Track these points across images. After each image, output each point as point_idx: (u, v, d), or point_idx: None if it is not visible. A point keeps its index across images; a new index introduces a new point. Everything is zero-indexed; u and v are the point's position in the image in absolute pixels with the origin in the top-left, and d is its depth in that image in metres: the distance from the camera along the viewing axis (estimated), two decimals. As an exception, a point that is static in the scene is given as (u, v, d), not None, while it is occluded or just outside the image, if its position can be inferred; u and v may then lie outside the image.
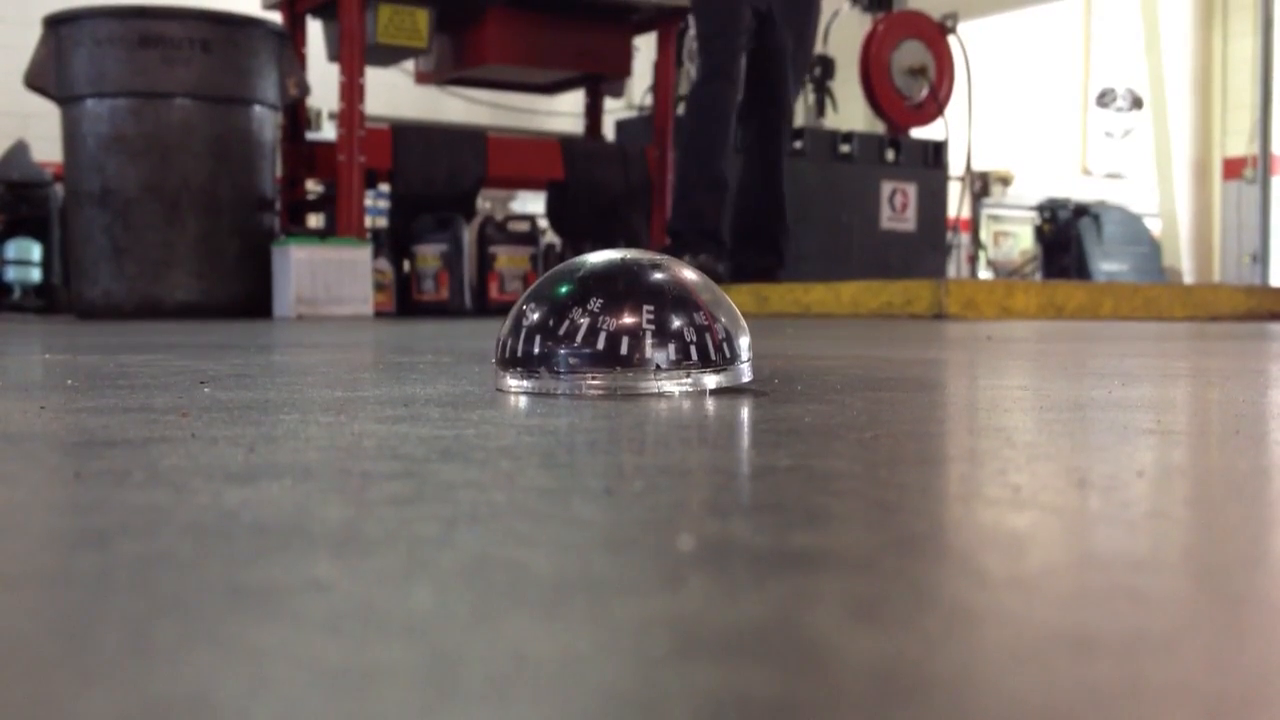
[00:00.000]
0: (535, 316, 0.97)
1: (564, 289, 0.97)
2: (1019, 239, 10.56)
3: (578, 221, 5.54)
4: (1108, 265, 9.30)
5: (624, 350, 0.94)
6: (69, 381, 1.16)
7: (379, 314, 4.77)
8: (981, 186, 9.11)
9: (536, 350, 0.96)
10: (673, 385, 0.95)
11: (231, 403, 0.90)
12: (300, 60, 5.08)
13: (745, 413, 0.86)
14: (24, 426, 0.76)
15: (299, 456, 0.62)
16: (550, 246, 5.64)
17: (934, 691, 0.27)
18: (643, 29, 5.79)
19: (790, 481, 0.56)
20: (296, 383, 1.12)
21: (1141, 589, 0.36)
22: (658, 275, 0.97)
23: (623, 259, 0.99)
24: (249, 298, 4.61)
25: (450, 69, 5.75)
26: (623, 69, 5.81)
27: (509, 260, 5.26)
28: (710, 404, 0.90)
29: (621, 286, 0.96)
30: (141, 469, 0.57)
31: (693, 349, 0.95)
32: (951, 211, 6.79)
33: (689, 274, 1.00)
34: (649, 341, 0.94)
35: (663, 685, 0.27)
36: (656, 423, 0.79)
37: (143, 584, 0.36)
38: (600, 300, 0.95)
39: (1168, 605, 0.35)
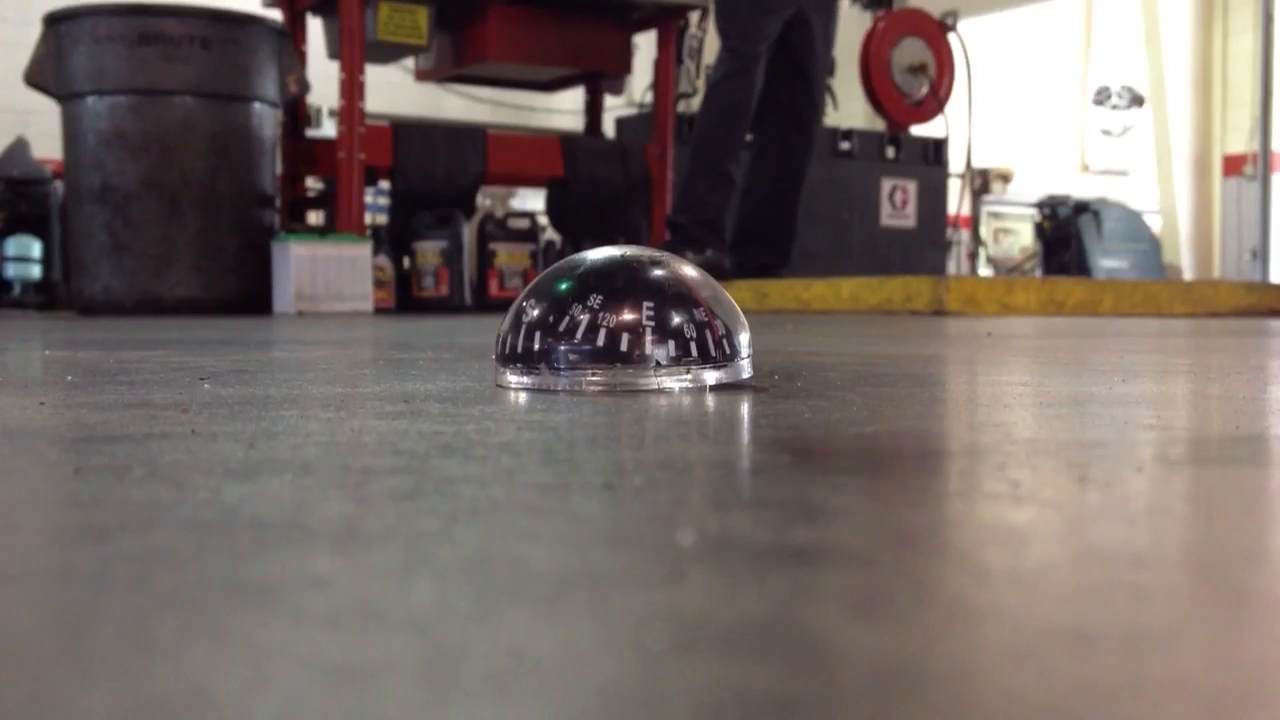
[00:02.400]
0: (535, 313, 0.97)
1: (564, 285, 0.97)
2: (1019, 236, 10.56)
3: (578, 219, 5.54)
4: (1108, 262, 9.30)
5: (624, 347, 0.94)
6: (69, 377, 1.16)
7: (379, 310, 4.77)
8: (981, 183, 9.11)
9: (536, 346, 0.96)
10: (673, 381, 0.95)
11: (231, 398, 0.90)
12: (300, 57, 5.07)
13: (745, 409, 0.86)
14: (24, 422, 0.76)
15: (299, 452, 0.62)
16: (550, 243, 5.64)
17: (934, 686, 0.27)
18: (643, 26, 5.78)
19: (790, 477, 0.56)
20: (296, 379, 1.12)
21: (1141, 584, 0.36)
22: (657, 272, 0.97)
23: (622, 255, 0.99)
24: (249, 294, 4.61)
25: (450, 66, 5.75)
26: (623, 66, 5.80)
27: (509, 257, 5.26)
28: (710, 400, 0.90)
29: (621, 283, 0.96)
30: (141, 464, 0.57)
31: (692, 345, 0.95)
32: (951, 208, 6.79)
33: (688, 270, 1.00)
34: (649, 338, 0.94)
35: (663, 681, 0.27)
36: (657, 419, 0.79)
37: (142, 579, 0.36)
38: (600, 297, 0.95)
39: (1167, 601, 0.35)
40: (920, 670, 0.28)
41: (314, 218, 5.69)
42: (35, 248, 6.28)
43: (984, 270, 9.14)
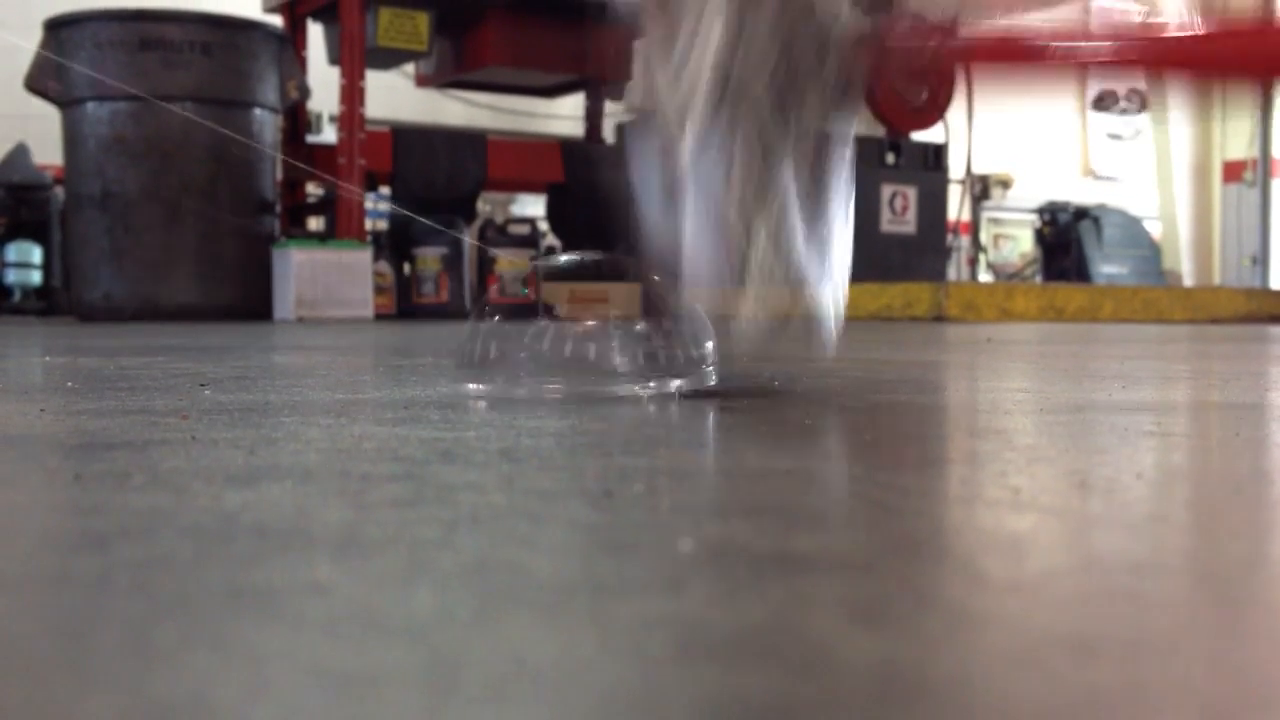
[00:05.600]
0: (496, 319, 0.95)
1: (527, 291, 0.96)
2: (1019, 242, 10.57)
3: (578, 224, 5.54)
4: (1108, 268, 9.31)
5: (587, 354, 0.92)
6: (69, 384, 1.16)
7: (379, 316, 4.77)
8: (981, 189, 9.11)
9: (494, 354, 0.94)
10: (636, 389, 0.93)
11: (232, 405, 0.90)
12: (300, 63, 5.08)
13: (747, 415, 0.86)
14: (24, 429, 0.76)
15: (299, 459, 0.62)
16: (550, 249, 5.65)
17: (934, 694, 0.27)
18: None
19: (791, 483, 0.56)
20: (297, 385, 1.12)
21: (1142, 592, 0.36)
22: (624, 279, 0.95)
23: (586, 261, 0.97)
24: (249, 300, 4.61)
25: (450, 72, 5.75)
26: (623, 72, 5.80)
27: (509, 263, 5.26)
28: (712, 406, 0.90)
29: (586, 290, 0.94)
30: (142, 471, 0.57)
31: (660, 354, 0.94)
32: (951, 214, 6.79)
33: (655, 278, 0.98)
34: (614, 345, 0.92)
35: (663, 687, 0.27)
36: (655, 425, 0.79)
37: (143, 586, 0.36)
38: (564, 305, 0.93)
39: (1168, 608, 0.35)
40: (920, 677, 0.28)
41: (314, 224, 5.70)
42: (35, 254, 6.28)
43: (984, 276, 9.14)
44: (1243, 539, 0.45)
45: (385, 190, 5.54)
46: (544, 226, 5.83)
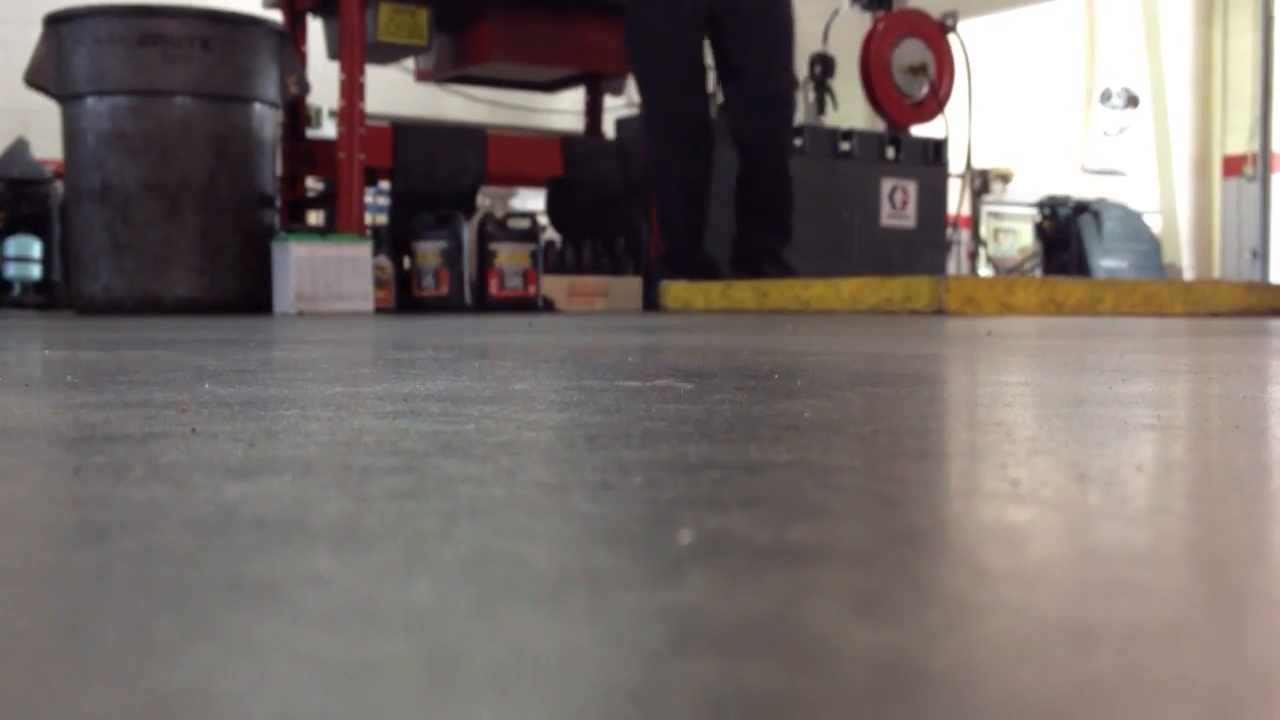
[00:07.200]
0: None
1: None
2: (1019, 236, 10.56)
3: (577, 218, 5.54)
4: (1108, 262, 9.31)
5: None
6: (69, 377, 1.16)
7: (379, 310, 4.77)
8: (981, 184, 9.12)
9: None
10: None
11: (232, 398, 0.90)
12: (300, 58, 5.07)
13: (747, 408, 0.86)
14: (24, 421, 0.76)
15: (299, 451, 0.62)
16: (550, 243, 5.65)
17: (934, 685, 0.27)
18: (643, 26, 5.78)
19: (790, 476, 0.56)
20: (297, 378, 1.12)
21: (1141, 583, 0.36)
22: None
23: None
24: (249, 294, 4.61)
25: (450, 67, 5.75)
26: (622, 67, 5.80)
27: (509, 257, 5.25)
28: (711, 399, 0.90)
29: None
30: (141, 464, 0.57)
31: None
32: (951, 208, 6.79)
33: None
34: None
35: (663, 679, 0.27)
36: (653, 419, 0.79)
37: (143, 579, 0.36)
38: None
39: (1167, 599, 0.35)
40: (921, 668, 0.28)
41: (314, 218, 5.69)
42: (35, 248, 6.28)
43: (984, 270, 9.14)
44: (1242, 531, 0.45)
45: (385, 185, 5.54)
46: (544, 221, 5.83)
